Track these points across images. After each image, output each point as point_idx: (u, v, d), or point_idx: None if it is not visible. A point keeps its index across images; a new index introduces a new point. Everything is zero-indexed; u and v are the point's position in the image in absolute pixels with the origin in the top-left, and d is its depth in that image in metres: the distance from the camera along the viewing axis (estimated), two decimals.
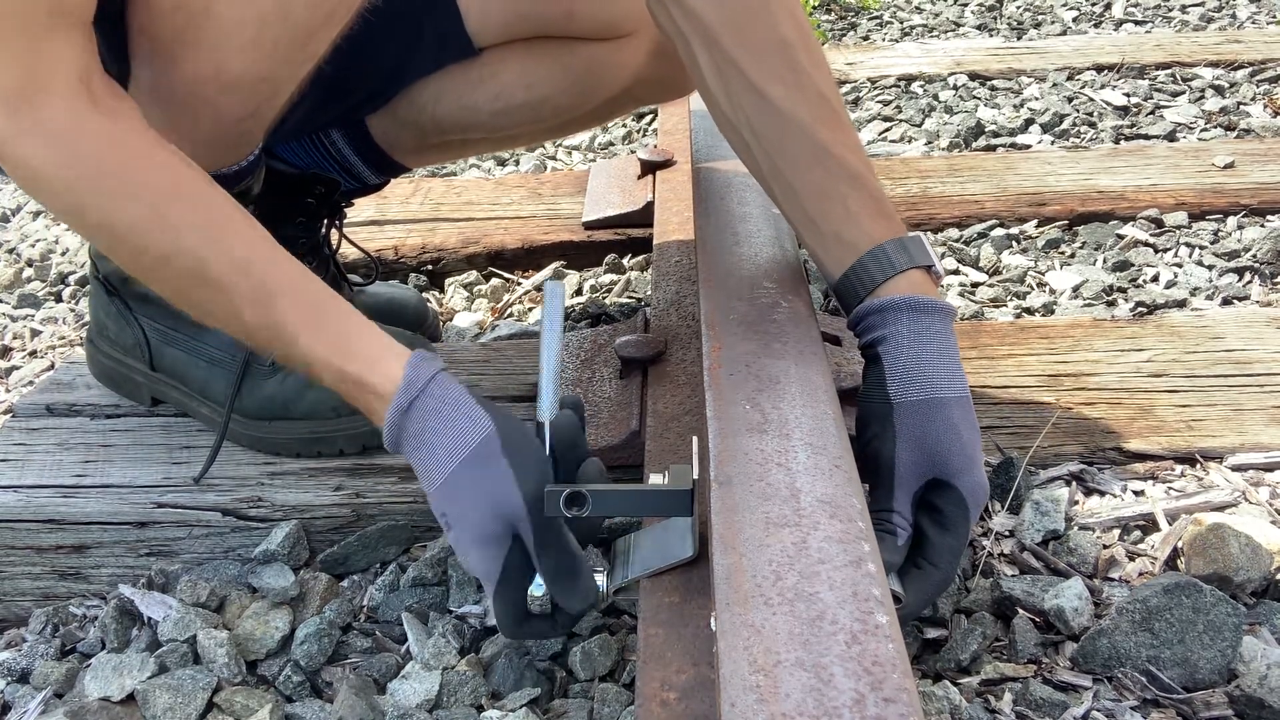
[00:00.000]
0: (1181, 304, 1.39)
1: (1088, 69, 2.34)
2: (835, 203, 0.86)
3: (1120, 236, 1.59)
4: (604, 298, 1.53)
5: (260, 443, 1.06)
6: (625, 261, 1.61)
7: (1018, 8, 3.10)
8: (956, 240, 1.63)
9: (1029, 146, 2.00)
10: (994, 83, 2.34)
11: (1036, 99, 2.21)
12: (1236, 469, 1.03)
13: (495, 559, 0.76)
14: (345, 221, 1.28)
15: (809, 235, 0.89)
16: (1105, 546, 0.95)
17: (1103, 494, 1.02)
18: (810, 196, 0.87)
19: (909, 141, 2.08)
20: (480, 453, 0.75)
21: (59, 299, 1.77)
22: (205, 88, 0.86)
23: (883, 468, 0.80)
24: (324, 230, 1.24)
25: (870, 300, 0.84)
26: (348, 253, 1.49)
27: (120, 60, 0.86)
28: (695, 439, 0.81)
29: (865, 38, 2.95)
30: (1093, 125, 2.07)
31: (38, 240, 1.98)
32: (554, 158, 2.20)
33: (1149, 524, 0.97)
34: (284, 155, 1.21)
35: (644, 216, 1.59)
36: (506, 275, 1.64)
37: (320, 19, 0.87)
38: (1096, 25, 2.91)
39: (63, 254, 1.91)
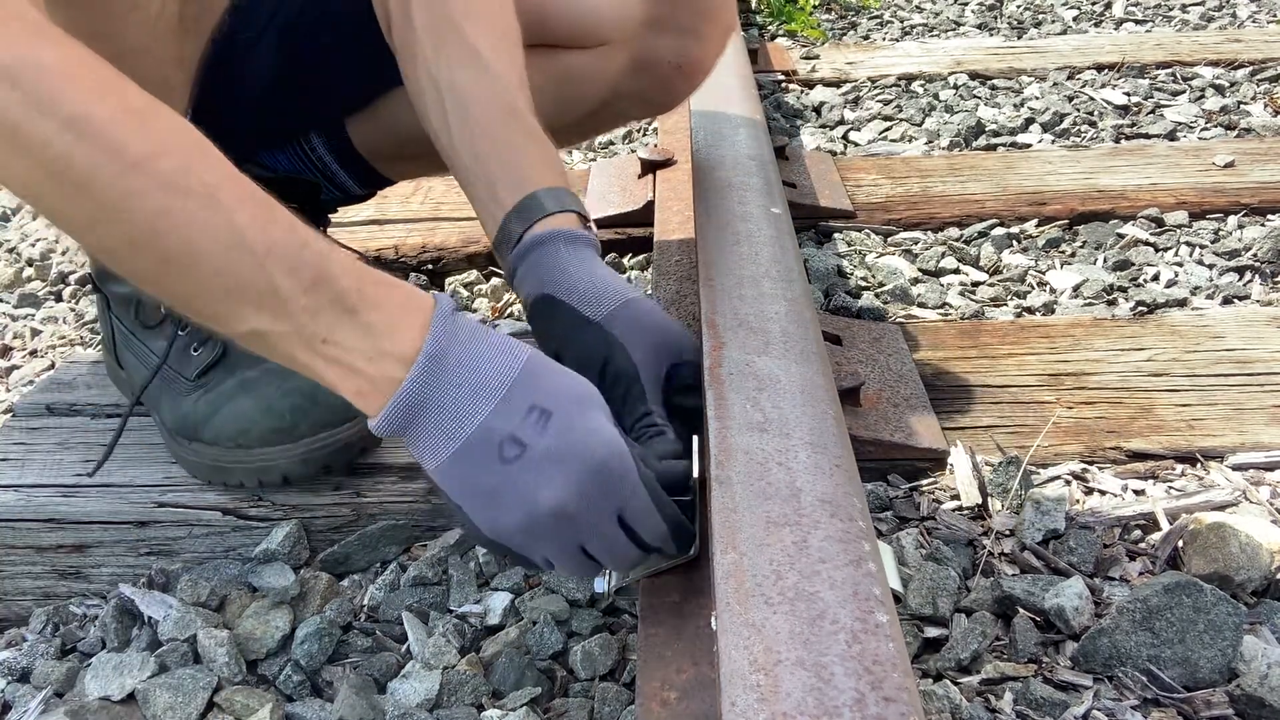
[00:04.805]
0: (1182, 303, 1.39)
1: (1088, 68, 2.34)
2: (519, 155, 0.91)
3: (1120, 236, 1.59)
4: None
5: (180, 460, 1.03)
6: (625, 261, 1.61)
7: (1018, 7, 3.10)
8: (957, 239, 1.63)
9: (1029, 146, 2.00)
10: (994, 82, 2.34)
11: (1037, 98, 2.21)
12: (1237, 468, 1.03)
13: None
14: (345, 221, 1.27)
15: (481, 187, 0.92)
16: (1106, 546, 0.95)
17: (1103, 493, 1.02)
18: (497, 152, 0.91)
19: (909, 141, 2.08)
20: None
21: (59, 298, 1.77)
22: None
23: (623, 379, 0.81)
24: None
25: (529, 235, 0.88)
26: None
27: None
28: (695, 438, 0.81)
29: (865, 37, 2.95)
30: (1093, 124, 2.07)
31: (38, 239, 1.98)
32: None
33: (1149, 523, 0.97)
34: (266, 162, 1.21)
35: (644, 215, 1.59)
36: None
37: None
38: (1097, 24, 2.91)
39: (63, 253, 1.91)
